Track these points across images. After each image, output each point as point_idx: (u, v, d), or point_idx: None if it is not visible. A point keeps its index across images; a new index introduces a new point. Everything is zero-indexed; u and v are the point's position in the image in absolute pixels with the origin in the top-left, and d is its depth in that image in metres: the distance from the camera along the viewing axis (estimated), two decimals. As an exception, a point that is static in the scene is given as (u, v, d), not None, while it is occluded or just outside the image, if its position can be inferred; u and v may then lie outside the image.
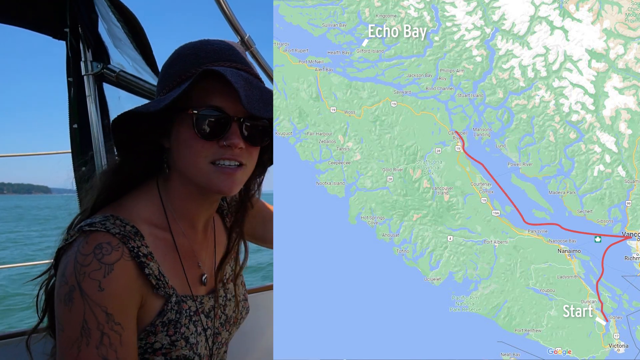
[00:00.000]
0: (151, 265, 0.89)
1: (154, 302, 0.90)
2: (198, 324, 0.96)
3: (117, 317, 0.82)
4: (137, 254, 0.87)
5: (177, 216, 0.99)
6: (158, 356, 0.90)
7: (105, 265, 0.82)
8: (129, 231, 0.88)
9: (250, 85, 0.89)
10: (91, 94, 1.66)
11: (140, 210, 0.95)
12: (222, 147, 0.90)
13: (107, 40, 1.69)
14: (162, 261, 0.93)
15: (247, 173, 0.96)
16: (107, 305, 0.81)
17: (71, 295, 0.81)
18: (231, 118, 0.90)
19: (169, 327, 0.91)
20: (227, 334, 1.06)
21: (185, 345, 0.92)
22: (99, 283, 0.81)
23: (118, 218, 0.89)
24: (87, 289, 0.81)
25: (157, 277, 0.90)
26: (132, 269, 0.86)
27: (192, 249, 1.01)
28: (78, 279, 0.81)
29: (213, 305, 1.02)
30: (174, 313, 0.92)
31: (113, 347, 0.81)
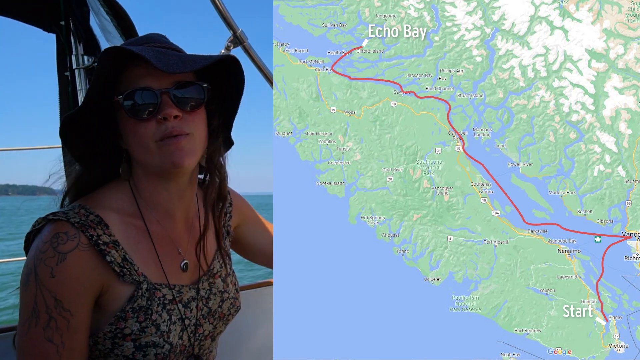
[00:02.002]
0: (112, 253, 0.91)
1: (121, 289, 0.92)
2: (173, 313, 0.97)
3: (65, 304, 0.86)
4: (96, 242, 0.90)
5: (150, 206, 1.00)
6: (127, 341, 0.92)
7: (59, 253, 0.87)
8: (91, 220, 0.91)
9: (165, 54, 0.91)
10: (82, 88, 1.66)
11: (111, 200, 0.98)
12: (160, 122, 0.91)
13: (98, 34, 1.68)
14: (133, 249, 0.95)
15: (196, 141, 0.95)
16: (57, 292, 0.86)
17: (28, 278, 0.87)
18: (158, 92, 0.91)
19: (139, 314, 0.92)
20: (210, 327, 1.05)
21: (156, 332, 0.93)
22: (51, 270, 0.86)
23: (84, 207, 0.93)
24: (41, 274, 0.86)
25: (120, 265, 0.92)
26: (89, 258, 0.89)
27: (170, 237, 1.02)
28: (35, 263, 0.87)
29: (194, 297, 1.02)
30: (145, 300, 0.93)
31: (59, 331, 0.86)
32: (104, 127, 0.98)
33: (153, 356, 0.93)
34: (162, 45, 0.96)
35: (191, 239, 1.07)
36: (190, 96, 0.94)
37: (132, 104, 0.91)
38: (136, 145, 0.94)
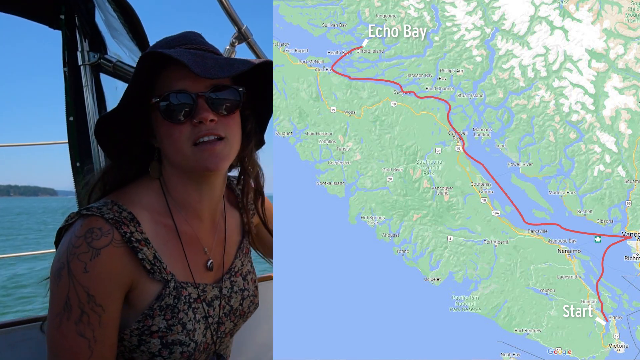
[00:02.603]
0: (144, 251, 0.92)
1: (150, 287, 0.93)
2: (198, 311, 0.98)
3: (98, 299, 0.87)
4: (129, 239, 0.90)
5: (179, 206, 1.01)
6: (154, 339, 0.92)
7: (93, 249, 0.87)
8: (124, 217, 0.92)
9: (203, 57, 0.91)
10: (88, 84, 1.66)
11: (142, 197, 0.98)
12: (196, 125, 0.91)
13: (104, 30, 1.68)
14: (162, 247, 0.96)
15: (230, 145, 0.96)
16: (90, 287, 0.86)
17: (60, 272, 0.87)
18: (194, 95, 0.91)
19: (166, 312, 0.93)
20: (231, 325, 1.07)
21: (182, 330, 0.94)
22: (84, 265, 0.86)
23: (116, 204, 0.93)
24: (74, 269, 0.86)
25: (151, 262, 0.92)
26: (122, 255, 0.90)
27: (197, 237, 1.03)
28: (68, 258, 0.87)
29: (217, 295, 1.03)
30: (172, 298, 0.94)
31: (91, 326, 0.86)
32: (137, 126, 0.98)
33: (179, 354, 0.94)
34: (198, 47, 0.96)
35: (217, 238, 1.08)
36: (226, 100, 0.95)
37: (167, 107, 0.91)
38: (170, 147, 0.94)
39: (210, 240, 1.06)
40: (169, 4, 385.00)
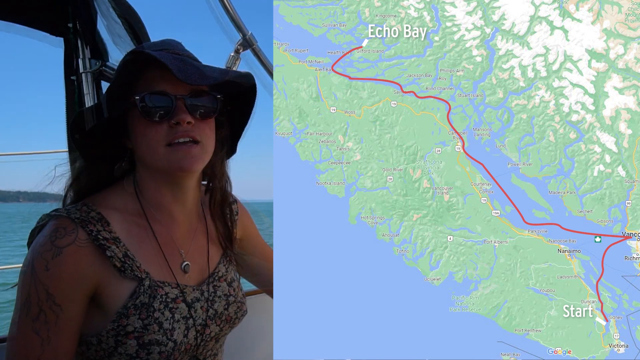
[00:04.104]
0: (113, 249, 0.92)
1: (123, 286, 0.93)
2: (176, 311, 0.97)
3: (57, 299, 0.87)
4: (95, 237, 0.91)
5: (153, 207, 1.01)
6: (131, 339, 0.92)
7: (56, 248, 0.88)
8: (92, 217, 0.93)
9: (184, 63, 0.92)
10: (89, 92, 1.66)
11: (114, 199, 0.99)
12: (172, 126, 0.92)
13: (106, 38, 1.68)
14: (135, 246, 0.96)
15: (204, 149, 0.96)
16: (50, 285, 0.87)
17: (25, 269, 0.89)
18: (174, 97, 0.93)
19: (141, 311, 0.93)
20: (217, 329, 1.06)
21: (159, 330, 0.93)
22: (46, 263, 0.87)
23: (86, 205, 0.95)
24: (37, 267, 0.87)
25: (121, 260, 0.93)
26: (86, 254, 0.90)
27: (172, 238, 1.03)
28: (33, 256, 0.88)
29: (198, 297, 1.03)
30: (147, 297, 0.94)
31: (47, 325, 0.87)
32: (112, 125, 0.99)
33: (157, 354, 0.93)
34: (178, 53, 0.97)
35: (194, 243, 1.07)
36: (204, 105, 0.96)
37: (147, 106, 0.92)
38: (145, 146, 0.95)
39: (187, 244, 1.06)
40: (174, 13, 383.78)
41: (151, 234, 1.00)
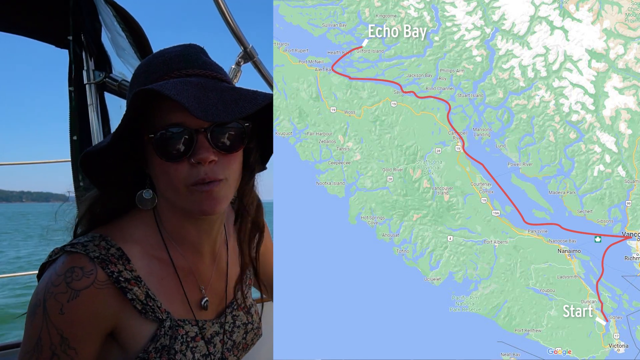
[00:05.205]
0: (135, 291, 0.86)
1: (144, 327, 0.88)
2: (196, 350, 0.93)
3: (72, 342, 0.81)
4: (117, 279, 0.84)
5: (175, 240, 0.95)
6: None
7: (72, 290, 0.81)
8: (112, 254, 0.85)
9: (204, 89, 0.82)
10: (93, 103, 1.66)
11: (134, 230, 0.91)
12: (194, 165, 0.83)
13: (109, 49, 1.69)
14: (156, 284, 0.90)
15: (229, 186, 0.88)
16: (64, 329, 0.81)
17: (35, 310, 0.81)
18: (194, 131, 0.82)
19: (162, 353, 0.88)
20: (234, 359, 1.03)
21: None
22: (61, 306, 0.81)
23: (105, 239, 0.87)
24: (50, 309, 0.81)
25: (143, 302, 0.87)
26: (106, 296, 0.84)
27: (193, 273, 0.97)
28: (45, 296, 0.81)
29: (217, 331, 0.98)
30: (168, 339, 0.89)
31: None
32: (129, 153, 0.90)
33: None
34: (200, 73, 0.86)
35: (216, 271, 1.02)
36: (230, 137, 0.85)
37: (163, 144, 0.82)
38: (164, 183, 0.87)
39: (209, 275, 1.00)
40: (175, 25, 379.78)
41: (172, 270, 0.93)
